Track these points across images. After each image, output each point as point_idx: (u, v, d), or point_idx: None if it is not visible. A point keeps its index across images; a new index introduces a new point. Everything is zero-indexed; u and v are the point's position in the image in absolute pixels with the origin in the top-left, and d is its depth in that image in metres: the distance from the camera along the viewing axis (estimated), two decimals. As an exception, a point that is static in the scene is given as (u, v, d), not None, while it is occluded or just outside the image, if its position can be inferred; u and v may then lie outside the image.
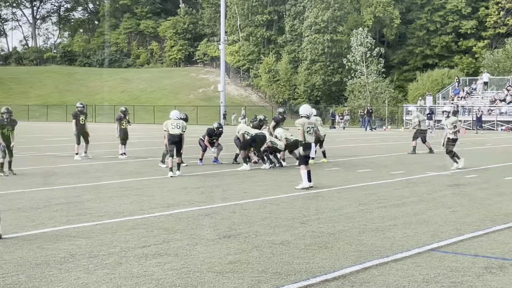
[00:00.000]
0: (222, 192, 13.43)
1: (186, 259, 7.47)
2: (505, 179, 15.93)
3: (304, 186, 13.77)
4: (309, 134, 14.06)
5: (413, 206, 11.45)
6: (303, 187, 13.74)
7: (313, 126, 14.27)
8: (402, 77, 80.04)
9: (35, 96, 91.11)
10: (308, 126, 14.08)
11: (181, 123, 17.02)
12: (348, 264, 7.30)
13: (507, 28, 76.03)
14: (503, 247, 8.17)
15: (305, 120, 14.06)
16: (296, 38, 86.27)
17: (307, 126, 14.04)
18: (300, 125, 14.01)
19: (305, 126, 13.99)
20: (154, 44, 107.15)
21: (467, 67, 76.56)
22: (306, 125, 14.01)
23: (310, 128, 14.13)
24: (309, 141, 14.16)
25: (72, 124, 22.37)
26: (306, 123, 14.02)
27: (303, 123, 13.99)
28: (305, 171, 13.80)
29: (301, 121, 14.04)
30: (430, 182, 15.25)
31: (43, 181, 15.28)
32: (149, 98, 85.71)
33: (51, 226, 9.48)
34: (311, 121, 14.26)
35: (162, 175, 16.70)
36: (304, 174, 13.80)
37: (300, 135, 14.07)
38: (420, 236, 8.80)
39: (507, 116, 53.74)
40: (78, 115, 22.36)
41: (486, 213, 10.72)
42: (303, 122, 14.00)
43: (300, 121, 14.06)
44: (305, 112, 14.22)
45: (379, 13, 76.57)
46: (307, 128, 14.03)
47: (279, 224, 9.71)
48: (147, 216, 10.36)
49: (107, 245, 8.22)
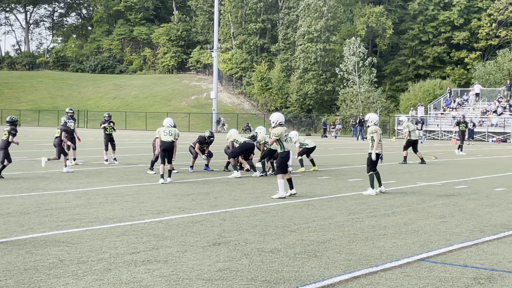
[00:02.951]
0: (212, 199, 13.41)
1: (175, 266, 7.46)
2: (495, 190, 15.99)
3: (280, 195, 13.60)
4: (287, 142, 14.03)
5: (403, 216, 11.47)
6: (280, 197, 13.61)
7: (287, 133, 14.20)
8: (394, 87, 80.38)
9: (27, 101, 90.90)
10: (286, 134, 14.08)
11: (173, 130, 17.08)
12: (338, 273, 7.30)
13: (499, 40, 76.49)
14: (492, 258, 8.19)
15: (282, 129, 13.98)
16: (289, 47, 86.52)
17: (284, 134, 13.98)
18: (277, 135, 13.87)
19: (283, 134, 13.92)
20: (147, 51, 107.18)
21: (458, 78, 76.95)
22: (283, 133, 13.95)
23: (286, 136, 14.11)
24: (288, 148, 14.10)
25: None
26: (283, 132, 13.94)
27: (280, 133, 13.87)
28: (282, 181, 13.66)
29: (279, 130, 13.90)
30: (421, 192, 15.28)
31: (33, 186, 15.23)
32: (141, 105, 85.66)
33: (41, 232, 9.44)
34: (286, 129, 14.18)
35: (153, 182, 16.68)
36: (281, 184, 13.65)
37: (276, 143, 14.02)
38: (410, 246, 8.81)
39: (498, 127, 53.99)
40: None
41: (476, 224, 10.75)
42: (280, 132, 13.88)
43: (278, 131, 13.91)
44: (281, 120, 14.14)
45: (372, 23, 76.89)
46: (285, 136, 13.99)
47: (269, 232, 9.71)
48: (137, 223, 10.34)
49: (96, 251, 8.20)
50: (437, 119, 59.09)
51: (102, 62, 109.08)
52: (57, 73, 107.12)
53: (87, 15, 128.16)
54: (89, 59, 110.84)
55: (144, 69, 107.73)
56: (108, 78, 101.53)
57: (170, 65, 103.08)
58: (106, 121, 23.19)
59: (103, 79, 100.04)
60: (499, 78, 65.02)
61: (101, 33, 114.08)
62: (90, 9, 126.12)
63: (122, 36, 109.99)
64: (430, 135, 57.17)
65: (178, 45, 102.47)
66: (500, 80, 64.56)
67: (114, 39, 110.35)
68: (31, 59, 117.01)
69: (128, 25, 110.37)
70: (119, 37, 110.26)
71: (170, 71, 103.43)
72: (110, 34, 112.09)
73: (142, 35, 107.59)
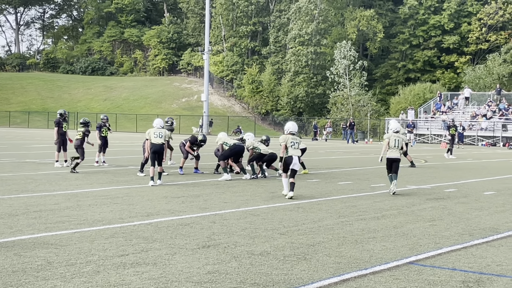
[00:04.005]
0: (202, 201, 13.39)
1: (164, 269, 7.44)
2: (484, 193, 16.04)
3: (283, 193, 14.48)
4: (293, 149, 14.28)
5: (393, 219, 11.49)
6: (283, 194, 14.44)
7: (297, 141, 14.47)
8: (385, 90, 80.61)
9: (17, 103, 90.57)
10: (292, 141, 14.31)
11: (163, 132, 16.99)
12: (327, 276, 7.30)
13: (488, 44, 76.85)
14: (481, 262, 8.21)
15: (285, 136, 14.34)
16: (280, 50, 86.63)
17: (291, 141, 14.29)
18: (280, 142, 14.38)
19: (288, 141, 14.24)
20: (138, 53, 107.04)
21: (449, 82, 77.25)
22: (289, 140, 14.26)
23: (294, 143, 14.35)
24: (290, 153, 14.28)
25: (54, 131, 22.22)
26: (289, 139, 14.28)
27: (283, 139, 14.27)
28: (285, 180, 14.42)
29: (281, 138, 14.40)
30: (410, 196, 15.32)
31: (22, 188, 15.16)
32: (132, 107, 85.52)
33: (29, 234, 9.39)
34: (294, 137, 14.46)
35: (142, 184, 16.64)
36: (284, 182, 14.49)
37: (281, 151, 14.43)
38: (399, 249, 8.83)
39: (488, 131, 54.21)
40: (61, 122, 22.20)
41: (465, 227, 10.78)
42: (283, 139, 14.30)
43: (281, 139, 14.40)
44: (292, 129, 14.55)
45: (363, 26, 77.08)
46: (291, 143, 14.27)
47: (259, 234, 9.70)
48: (126, 225, 10.31)
49: (85, 253, 8.16)
50: (427, 122, 59.26)
51: (93, 64, 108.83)
52: (47, 75, 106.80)
53: (78, 17, 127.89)
54: (79, 61, 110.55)
55: (135, 71, 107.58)
56: (98, 80, 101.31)
57: (161, 67, 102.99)
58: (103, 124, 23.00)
59: (93, 81, 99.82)
60: (489, 82, 65.31)
61: (92, 34, 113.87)
62: (81, 10, 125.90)
63: (113, 38, 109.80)
64: (420, 139, 57.33)
65: (169, 47, 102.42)
66: (490, 84, 64.85)
67: (105, 41, 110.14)
68: (21, 60, 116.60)
69: (119, 27, 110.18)
70: (110, 39, 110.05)
71: (161, 73, 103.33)
72: (101, 36, 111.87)
73: (133, 37, 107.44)
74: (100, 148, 22.63)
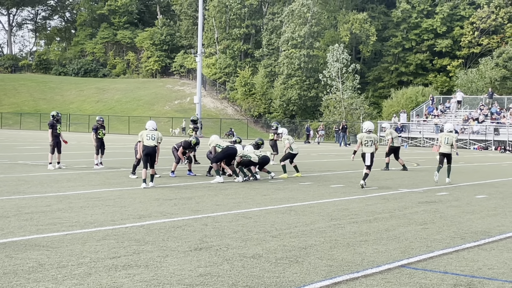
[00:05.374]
0: (194, 204, 13.38)
1: (156, 271, 7.43)
2: (476, 197, 16.09)
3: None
4: (366, 146, 17.62)
5: (385, 222, 11.51)
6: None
7: (371, 139, 17.66)
8: (377, 93, 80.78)
9: (9, 104, 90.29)
10: (366, 139, 17.66)
11: (156, 134, 16.94)
12: (319, 278, 7.31)
13: (481, 48, 77.16)
14: (472, 265, 8.24)
15: (364, 135, 17.77)
16: (272, 52, 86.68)
17: (365, 139, 17.70)
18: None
19: (363, 139, 17.71)
20: (131, 55, 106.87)
21: (441, 86, 77.50)
22: (364, 138, 17.71)
23: (368, 141, 17.62)
24: (364, 151, 17.64)
25: (48, 133, 22.13)
26: (364, 137, 17.71)
27: (361, 137, 17.82)
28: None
29: (361, 136, 17.90)
30: (402, 199, 15.35)
31: (14, 190, 15.11)
32: (124, 109, 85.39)
33: (21, 235, 9.37)
34: (369, 135, 17.77)
35: (134, 186, 16.61)
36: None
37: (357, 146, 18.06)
38: (391, 252, 8.84)
39: (480, 135, 54.38)
40: (55, 124, 22.12)
41: (457, 231, 10.81)
42: (361, 136, 17.83)
43: (359, 135, 18.04)
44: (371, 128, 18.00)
45: (356, 29, 77.25)
46: (365, 141, 17.66)
47: (251, 237, 9.70)
48: (118, 227, 10.29)
49: (77, 255, 8.15)
50: (420, 126, 59.41)
51: (85, 66, 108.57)
52: (39, 76, 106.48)
53: (71, 18, 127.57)
54: (72, 63, 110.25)
55: (128, 73, 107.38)
56: (91, 81, 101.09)
57: (154, 69, 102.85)
58: (100, 126, 23.02)
59: (86, 83, 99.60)
60: (481, 86, 65.53)
61: (84, 36, 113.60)
62: (73, 12, 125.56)
63: (106, 40, 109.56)
64: (412, 142, 57.47)
65: (162, 50, 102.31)
66: (482, 88, 65.07)
67: (97, 43, 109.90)
68: (14, 61, 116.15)
69: (112, 28, 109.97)
70: (102, 40, 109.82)
71: (154, 75, 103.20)
72: (94, 38, 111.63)
73: (126, 39, 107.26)
74: (97, 151, 22.57)
